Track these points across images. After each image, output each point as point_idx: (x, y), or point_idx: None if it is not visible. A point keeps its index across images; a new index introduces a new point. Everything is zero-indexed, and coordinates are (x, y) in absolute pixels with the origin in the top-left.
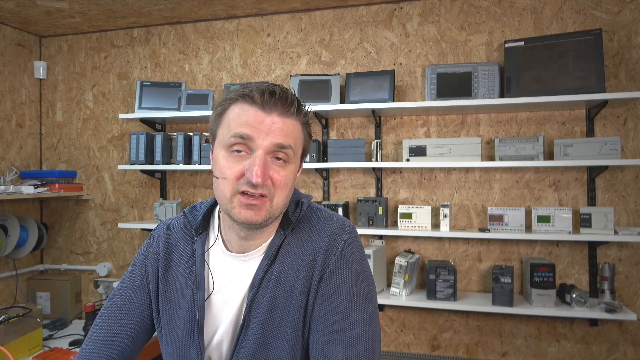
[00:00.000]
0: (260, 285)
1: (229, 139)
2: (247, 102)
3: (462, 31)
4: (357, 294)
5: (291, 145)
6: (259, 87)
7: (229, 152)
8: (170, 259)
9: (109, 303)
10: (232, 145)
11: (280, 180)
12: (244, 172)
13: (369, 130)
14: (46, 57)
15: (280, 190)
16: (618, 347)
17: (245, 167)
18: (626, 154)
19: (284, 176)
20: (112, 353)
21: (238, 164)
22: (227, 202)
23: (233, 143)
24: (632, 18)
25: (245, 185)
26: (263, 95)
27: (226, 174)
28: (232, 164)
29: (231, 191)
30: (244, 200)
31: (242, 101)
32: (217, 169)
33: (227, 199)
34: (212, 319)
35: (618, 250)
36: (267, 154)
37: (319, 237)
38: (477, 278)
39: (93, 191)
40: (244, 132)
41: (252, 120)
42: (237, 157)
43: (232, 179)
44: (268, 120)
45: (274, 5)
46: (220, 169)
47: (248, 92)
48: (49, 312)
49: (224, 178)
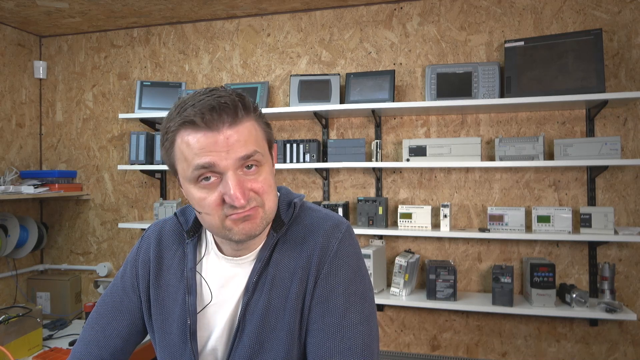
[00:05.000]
0: (255, 289)
1: (192, 173)
2: (191, 128)
3: (462, 31)
4: (353, 293)
5: (256, 149)
6: (196, 108)
7: (198, 184)
8: (161, 262)
9: (101, 304)
10: (199, 178)
11: (261, 187)
12: (223, 197)
13: (369, 130)
14: (46, 57)
15: (266, 194)
16: (618, 347)
17: (222, 192)
18: (626, 154)
19: (263, 181)
20: (103, 354)
21: (213, 192)
22: (220, 229)
23: (198, 175)
24: (632, 18)
25: (230, 209)
26: (203, 115)
27: (206, 208)
28: (208, 195)
29: (219, 220)
30: (235, 216)
31: (186, 129)
32: (194, 203)
33: (220, 228)
34: (206, 324)
35: (618, 250)
36: (237, 170)
37: (313, 237)
38: (477, 278)
39: (93, 191)
40: (204, 161)
41: (206, 146)
42: (209, 186)
43: (215, 208)
44: (222, 138)
45: (274, 5)
46: (198, 202)
47: (187, 118)
48: (49, 312)
49: (206, 213)
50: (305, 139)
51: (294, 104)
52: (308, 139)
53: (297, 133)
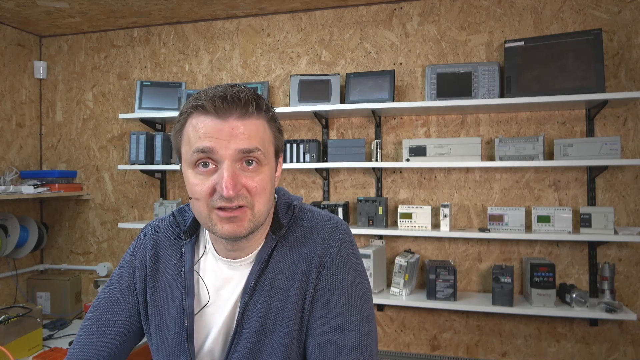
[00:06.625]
0: (254, 292)
1: (191, 156)
2: (201, 112)
3: (462, 31)
4: (353, 295)
5: (258, 147)
6: (209, 94)
7: (195, 169)
8: (158, 263)
9: (97, 304)
10: (197, 162)
11: (255, 187)
12: (215, 186)
13: (369, 130)
14: (46, 57)
15: (258, 196)
16: (618, 347)
17: (215, 182)
18: (626, 154)
19: (259, 181)
20: (100, 355)
21: (207, 179)
22: (206, 220)
23: (197, 159)
24: (632, 18)
25: (219, 200)
26: (214, 102)
27: (197, 194)
28: (201, 181)
29: (207, 208)
30: (222, 214)
31: (196, 113)
32: (189, 189)
33: (206, 217)
34: (203, 326)
35: (618, 250)
36: (235, 162)
37: (313, 239)
38: (477, 278)
39: (93, 191)
40: (205, 145)
41: (210, 131)
42: (205, 173)
43: (205, 196)
44: (227, 127)
45: (274, 5)
46: (191, 188)
47: (199, 103)
48: (49, 312)
49: (196, 199)
50: (305, 139)
51: (294, 104)
52: (308, 139)
53: (297, 133)
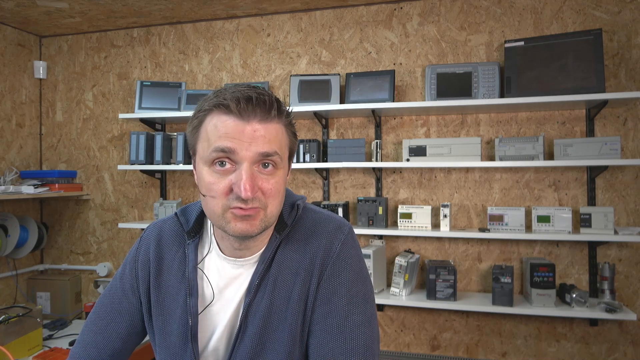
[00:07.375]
0: (258, 291)
1: (210, 154)
2: (223, 111)
3: (462, 31)
4: (355, 295)
5: (277, 151)
6: (233, 95)
7: (212, 167)
8: (161, 264)
9: (100, 305)
10: (215, 160)
11: (270, 189)
12: (232, 186)
13: (369, 130)
14: (46, 57)
15: (272, 198)
16: (618, 347)
17: (232, 182)
18: (626, 154)
19: (274, 184)
20: (102, 355)
21: (224, 178)
22: (219, 218)
23: (215, 158)
24: (632, 18)
25: (235, 201)
26: (239, 103)
27: (213, 192)
28: (218, 180)
29: (222, 208)
30: (237, 212)
31: (218, 111)
32: (203, 186)
33: (219, 216)
34: (207, 325)
35: (618, 250)
36: (253, 164)
37: (316, 239)
38: (477, 278)
39: (93, 191)
40: (225, 145)
41: (231, 132)
42: (222, 172)
43: (221, 195)
44: (249, 129)
45: (274, 5)
46: (207, 186)
47: (223, 102)
48: (49, 312)
49: (212, 196)
50: (305, 139)
51: (294, 104)
52: (308, 139)
53: (297, 133)
